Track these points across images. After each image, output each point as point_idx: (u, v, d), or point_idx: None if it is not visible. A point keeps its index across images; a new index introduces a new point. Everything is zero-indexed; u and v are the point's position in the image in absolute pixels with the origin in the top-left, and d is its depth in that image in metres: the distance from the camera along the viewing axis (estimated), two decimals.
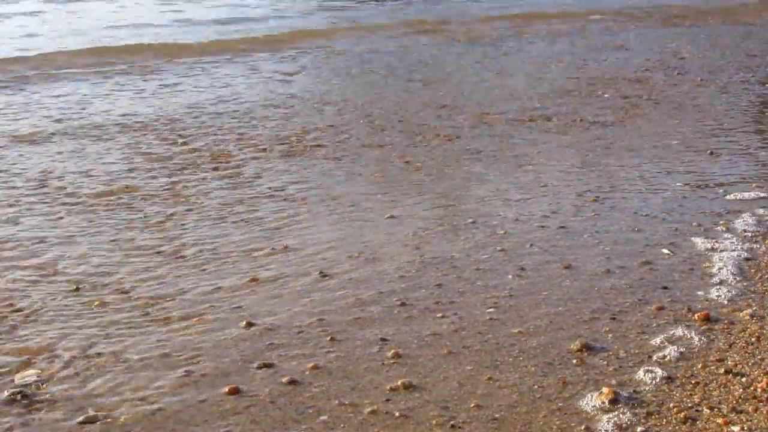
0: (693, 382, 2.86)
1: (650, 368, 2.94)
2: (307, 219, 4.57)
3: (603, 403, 2.71)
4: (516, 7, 15.94)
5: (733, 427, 2.58)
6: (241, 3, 16.50)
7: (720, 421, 2.62)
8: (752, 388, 2.81)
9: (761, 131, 6.67)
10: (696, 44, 11.57)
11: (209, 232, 4.36)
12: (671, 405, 2.70)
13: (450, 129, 6.70)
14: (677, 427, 2.59)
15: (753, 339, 3.17)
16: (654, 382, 2.85)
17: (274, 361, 3.02)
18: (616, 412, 2.66)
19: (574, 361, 3.01)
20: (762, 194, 4.97)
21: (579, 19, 14.52)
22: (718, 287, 3.65)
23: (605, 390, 2.76)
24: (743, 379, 2.87)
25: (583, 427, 2.58)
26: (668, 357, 3.03)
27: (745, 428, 2.58)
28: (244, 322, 3.31)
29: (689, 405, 2.71)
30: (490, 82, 8.81)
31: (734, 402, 2.73)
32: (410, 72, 9.50)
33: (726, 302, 3.50)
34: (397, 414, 2.67)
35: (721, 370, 2.93)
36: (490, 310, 3.44)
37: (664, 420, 2.62)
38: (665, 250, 4.08)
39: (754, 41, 11.96)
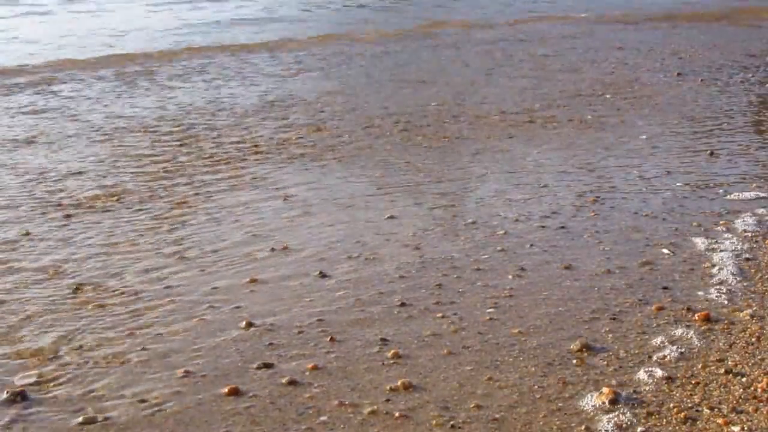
0: (693, 382, 2.85)
1: (650, 368, 2.94)
2: (307, 219, 4.57)
3: (603, 403, 2.71)
4: (518, 9, 15.94)
5: (733, 428, 2.58)
6: (243, 5, 16.50)
7: (720, 421, 2.62)
8: (752, 389, 2.80)
9: (761, 131, 6.67)
10: (696, 44, 11.57)
11: (209, 233, 4.36)
12: (671, 405, 2.70)
13: (450, 129, 6.70)
14: (677, 428, 2.59)
15: (753, 339, 3.17)
16: (654, 382, 2.85)
17: (274, 361, 3.01)
18: (616, 412, 2.66)
19: (574, 361, 3.00)
20: (762, 194, 4.96)
21: (580, 21, 14.52)
22: (718, 287, 3.65)
23: (605, 390, 2.76)
24: (743, 380, 2.87)
25: (583, 428, 2.58)
26: (668, 357, 3.02)
27: (746, 428, 2.58)
28: (244, 323, 3.31)
29: (689, 405, 2.71)
30: (490, 83, 8.81)
31: (734, 402, 2.72)
32: (410, 73, 9.50)
33: (726, 302, 3.50)
34: (397, 414, 2.67)
35: (722, 370, 2.93)
36: (490, 310, 3.43)
37: (664, 420, 2.62)
38: (665, 250, 4.08)
39: (754, 41, 11.96)
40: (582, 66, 9.81)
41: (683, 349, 3.08)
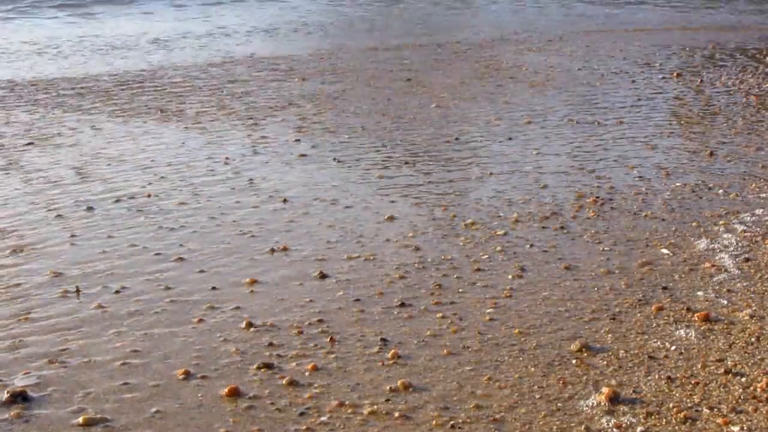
0: (693, 382, 2.85)
1: (650, 368, 2.94)
2: (307, 220, 4.57)
3: (603, 403, 2.71)
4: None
5: (732, 427, 2.58)
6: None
7: (720, 421, 2.62)
8: (752, 388, 2.81)
9: (761, 131, 6.67)
10: (695, 47, 11.58)
11: (209, 234, 4.36)
12: (671, 405, 2.70)
13: (450, 130, 6.70)
14: (677, 428, 2.59)
15: (753, 339, 3.17)
16: (654, 382, 2.85)
17: (274, 361, 3.01)
18: (616, 413, 2.66)
19: (574, 361, 3.01)
20: (762, 194, 4.97)
21: (582, 32, 14.55)
22: (717, 287, 3.65)
23: (605, 390, 2.76)
24: (743, 379, 2.87)
25: (583, 428, 2.58)
26: (668, 357, 3.03)
27: (745, 428, 2.58)
28: (244, 323, 3.31)
29: (689, 405, 2.71)
30: (490, 87, 8.82)
31: (734, 402, 2.73)
32: (410, 78, 9.51)
33: (726, 302, 3.50)
34: (397, 414, 2.67)
35: (721, 370, 2.93)
36: (490, 310, 3.43)
37: (664, 420, 2.62)
38: (665, 250, 4.08)
39: (752, 43, 11.98)
40: (582, 72, 9.81)
41: (683, 349, 3.08)
